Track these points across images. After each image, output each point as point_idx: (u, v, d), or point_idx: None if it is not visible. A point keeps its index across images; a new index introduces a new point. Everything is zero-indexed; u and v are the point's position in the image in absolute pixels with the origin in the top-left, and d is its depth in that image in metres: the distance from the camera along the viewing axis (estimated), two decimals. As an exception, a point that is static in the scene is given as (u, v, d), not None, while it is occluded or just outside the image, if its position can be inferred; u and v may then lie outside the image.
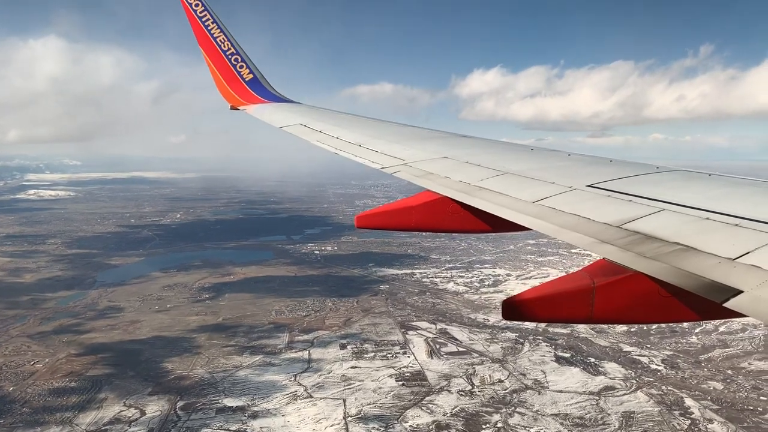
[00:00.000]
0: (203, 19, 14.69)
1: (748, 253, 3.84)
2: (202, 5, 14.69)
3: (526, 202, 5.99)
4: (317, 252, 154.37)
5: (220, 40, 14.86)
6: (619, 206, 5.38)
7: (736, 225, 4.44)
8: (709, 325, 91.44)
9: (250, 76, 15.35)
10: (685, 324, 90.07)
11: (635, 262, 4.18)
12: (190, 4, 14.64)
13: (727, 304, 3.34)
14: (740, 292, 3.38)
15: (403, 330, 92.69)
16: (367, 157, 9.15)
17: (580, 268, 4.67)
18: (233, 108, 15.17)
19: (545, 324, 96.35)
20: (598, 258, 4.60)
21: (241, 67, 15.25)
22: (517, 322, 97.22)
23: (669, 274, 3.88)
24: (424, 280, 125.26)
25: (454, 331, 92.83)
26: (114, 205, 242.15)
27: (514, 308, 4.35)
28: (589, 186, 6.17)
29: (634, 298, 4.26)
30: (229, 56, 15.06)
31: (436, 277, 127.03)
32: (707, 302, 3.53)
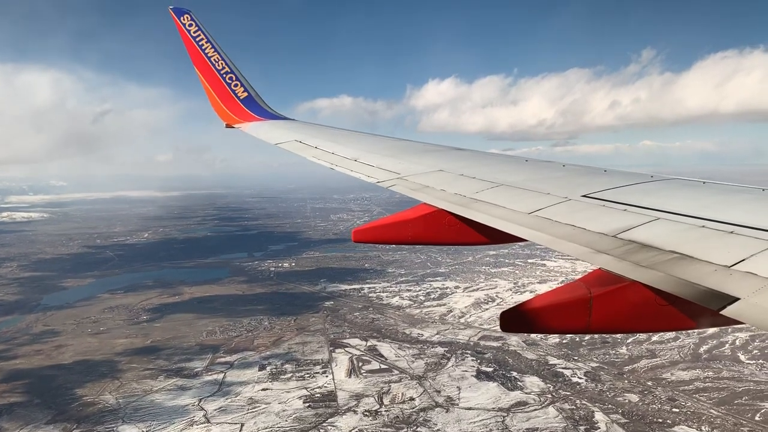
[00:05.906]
0: (197, 39, 14.90)
1: (743, 260, 3.86)
2: (196, 25, 14.96)
3: (521, 213, 5.97)
4: (273, 269, 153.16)
5: (215, 60, 15.06)
6: (614, 216, 5.39)
7: (731, 232, 4.46)
8: (642, 335, 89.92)
9: (245, 94, 15.52)
10: (617, 334, 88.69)
11: (631, 271, 4.17)
12: (184, 25, 14.88)
13: (723, 312, 3.35)
14: (737, 299, 3.38)
15: (331, 348, 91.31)
16: (362, 172, 9.20)
17: (577, 278, 4.64)
18: (228, 126, 15.18)
19: (477, 337, 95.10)
20: (594, 268, 4.56)
21: (236, 85, 15.41)
22: (449, 336, 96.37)
23: (665, 283, 3.88)
24: (371, 295, 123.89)
25: (384, 347, 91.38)
26: (85, 226, 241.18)
27: (511, 320, 4.35)
28: (584, 196, 6.16)
29: (630, 307, 4.28)
30: (224, 75, 15.25)
31: (383, 292, 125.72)
32: (704, 310, 3.55)
